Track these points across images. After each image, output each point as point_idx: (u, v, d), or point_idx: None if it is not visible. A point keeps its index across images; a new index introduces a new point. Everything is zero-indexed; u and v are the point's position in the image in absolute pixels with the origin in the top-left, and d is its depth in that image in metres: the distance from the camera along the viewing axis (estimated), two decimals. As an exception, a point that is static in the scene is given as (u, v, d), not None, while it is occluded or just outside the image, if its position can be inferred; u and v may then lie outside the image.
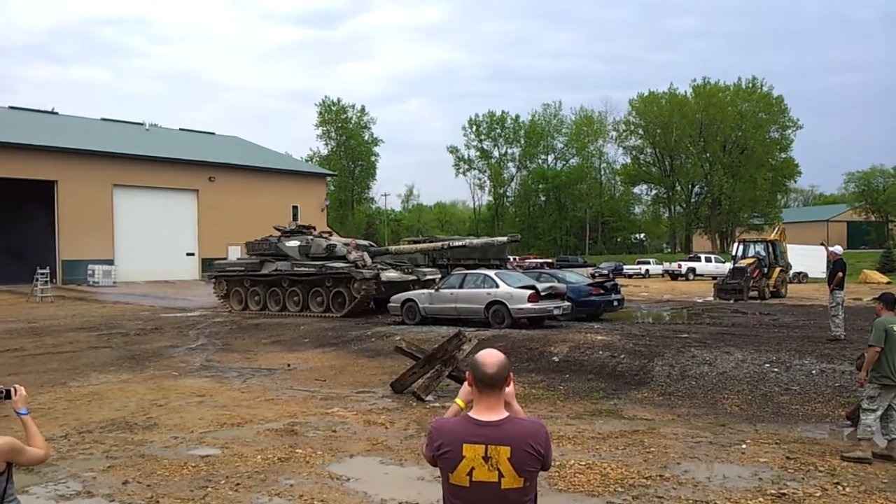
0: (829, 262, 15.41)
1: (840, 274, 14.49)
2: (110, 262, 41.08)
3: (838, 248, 15.64)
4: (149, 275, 42.14)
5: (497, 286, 17.53)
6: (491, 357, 2.86)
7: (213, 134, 59.36)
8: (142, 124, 55.71)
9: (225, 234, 46.56)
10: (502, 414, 2.82)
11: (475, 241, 25.97)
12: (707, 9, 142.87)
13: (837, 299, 14.31)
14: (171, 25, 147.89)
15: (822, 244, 21.77)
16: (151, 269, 42.61)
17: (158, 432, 8.83)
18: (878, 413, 7.58)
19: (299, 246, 23.51)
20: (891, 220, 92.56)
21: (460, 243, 24.86)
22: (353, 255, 22.16)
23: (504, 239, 26.08)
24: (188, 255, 46.64)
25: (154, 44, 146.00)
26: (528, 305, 17.00)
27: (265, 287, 23.61)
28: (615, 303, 20.58)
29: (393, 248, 26.02)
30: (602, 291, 20.16)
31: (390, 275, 21.90)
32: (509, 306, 17.08)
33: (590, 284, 20.59)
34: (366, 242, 25.37)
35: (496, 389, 2.82)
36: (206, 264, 46.38)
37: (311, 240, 23.69)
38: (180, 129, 58.31)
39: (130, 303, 29.08)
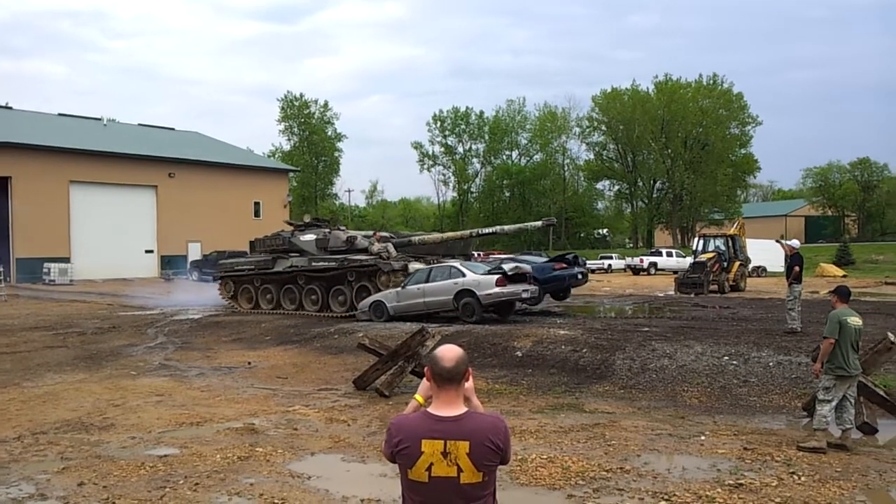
0: (786, 256, 15.66)
1: (797, 268, 14.73)
2: (67, 261, 40.32)
3: (795, 243, 15.88)
4: (107, 273, 41.43)
5: (464, 275, 17.53)
6: (449, 352, 2.84)
7: (172, 129, 58.48)
8: (99, 119, 54.72)
9: (185, 231, 45.98)
10: (461, 409, 2.81)
11: (507, 227, 24.91)
12: (668, 6, 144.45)
13: (795, 293, 14.56)
14: (127, 19, 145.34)
15: (778, 240, 22.11)
16: (109, 267, 41.91)
17: (115, 432, 8.67)
18: (833, 404, 7.72)
19: (316, 240, 21.84)
20: (847, 214, 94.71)
21: (490, 230, 24.30)
22: (377, 247, 20.68)
23: (539, 223, 24.28)
24: (147, 252, 45.96)
25: (111, 38, 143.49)
26: (497, 290, 16.99)
27: (278, 285, 22.10)
28: (579, 276, 20.62)
29: (416, 238, 24.32)
30: (565, 265, 20.19)
31: (417, 266, 20.22)
32: (478, 293, 17.06)
33: (551, 260, 20.61)
34: (387, 234, 23.98)
35: (454, 384, 2.81)
36: (165, 261, 45.81)
37: (329, 232, 22.04)
38: (139, 125, 57.36)
39: (87, 301, 28.52)
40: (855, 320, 7.79)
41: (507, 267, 17.74)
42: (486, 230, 24.53)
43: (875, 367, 9.21)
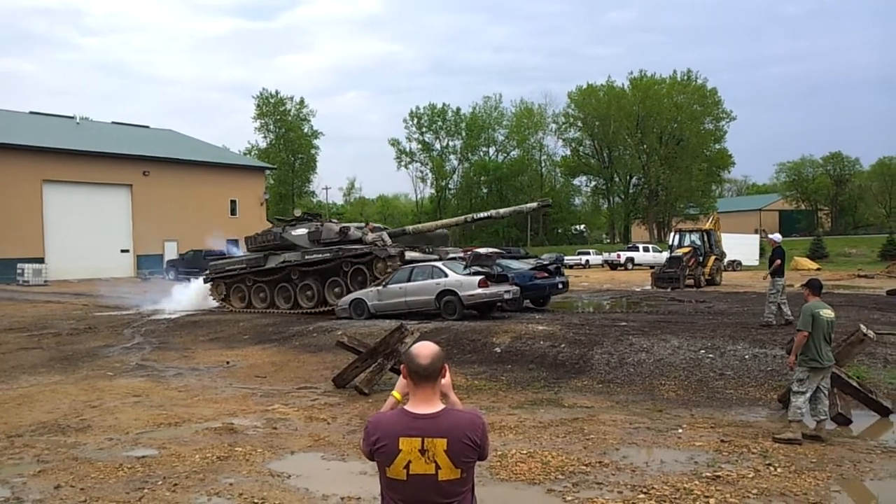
0: (768, 249, 15.77)
1: (778, 261, 14.85)
2: (41, 261, 39.78)
3: (777, 236, 15.98)
4: (82, 273, 40.94)
5: (446, 275, 17.54)
6: (425, 349, 2.85)
7: (147, 127, 57.88)
8: (72, 118, 54.02)
9: (161, 230, 45.54)
10: (438, 406, 2.82)
11: (502, 210, 24.71)
12: (646, 2, 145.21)
13: (777, 286, 14.67)
14: (100, 16, 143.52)
15: (759, 231, 22.35)
16: (84, 267, 41.42)
17: (92, 434, 8.59)
18: (808, 395, 7.84)
19: (308, 233, 21.35)
20: (820, 208, 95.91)
21: (485, 214, 24.04)
22: (371, 237, 20.38)
23: (534, 205, 24.30)
24: (122, 251, 45.49)
25: (83, 35, 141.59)
26: (479, 291, 17.04)
27: (272, 283, 21.54)
28: (560, 285, 20.76)
29: (410, 227, 23.90)
30: (546, 275, 20.29)
31: (413, 254, 20.06)
32: (460, 294, 17.10)
33: (533, 268, 20.72)
34: (380, 225, 23.39)
35: (431, 381, 2.82)
36: (141, 261, 45.38)
37: (322, 225, 21.70)
38: (113, 123, 56.71)
39: (62, 302, 28.17)
40: (827, 313, 7.91)
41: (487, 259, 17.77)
42: (481, 214, 24.28)
43: (848, 359, 9.34)
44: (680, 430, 8.25)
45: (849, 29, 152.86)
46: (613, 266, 49.37)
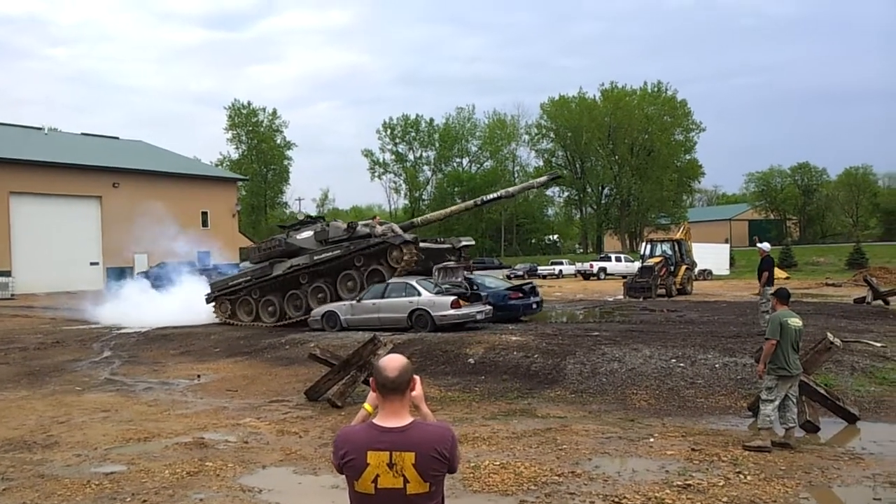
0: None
1: (766, 273, 14.98)
2: (7, 274, 39.16)
3: (766, 246, 16.11)
4: (50, 286, 40.31)
5: (419, 294, 17.56)
6: (393, 362, 2.85)
7: (117, 138, 57.31)
8: (40, 129, 53.37)
9: (131, 243, 44.97)
10: (407, 419, 2.81)
11: (511, 189, 24.16)
12: (613, 15, 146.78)
13: (767, 295, 14.80)
14: (66, 26, 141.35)
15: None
16: (53, 280, 40.78)
17: (59, 450, 8.45)
18: (776, 403, 7.93)
19: (315, 234, 20.57)
20: (789, 218, 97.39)
21: (495, 195, 23.74)
22: (380, 229, 19.61)
23: (544, 178, 23.60)
24: (92, 264, 44.89)
25: (50, 45, 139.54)
26: (451, 312, 17.09)
27: (280, 292, 20.63)
28: (534, 305, 20.81)
29: (418, 218, 23.19)
30: (521, 295, 20.32)
31: (425, 244, 19.50)
32: (432, 314, 17.13)
33: (508, 289, 20.70)
34: (385, 221, 22.61)
35: (399, 394, 2.81)
36: (112, 274, 44.80)
37: (327, 225, 20.92)
38: (82, 134, 56.11)
39: (30, 315, 27.73)
40: (795, 321, 8.02)
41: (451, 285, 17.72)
42: (490, 196, 23.82)
43: (816, 367, 9.46)
44: (651, 440, 8.29)
45: (813, 42, 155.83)
46: (586, 276, 49.63)
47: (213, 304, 22.18)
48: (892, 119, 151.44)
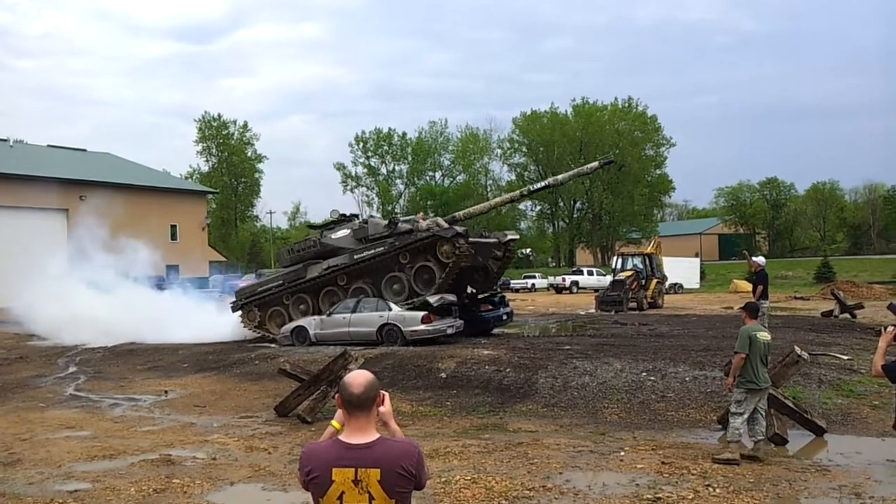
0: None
1: (760, 286, 15.06)
2: (-30, 288, 38.31)
3: (761, 259, 16.16)
4: (14, 300, 39.51)
5: (390, 309, 17.50)
6: (358, 378, 2.82)
7: (84, 150, 56.57)
8: (6, 140, 52.52)
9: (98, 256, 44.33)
10: (373, 436, 2.78)
11: (560, 177, 22.94)
12: (581, 31, 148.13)
13: (763, 308, 14.90)
14: (33, 37, 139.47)
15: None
16: (17, 295, 39.97)
17: (22, 468, 8.27)
18: (745, 416, 7.98)
19: (353, 231, 19.30)
20: (758, 232, 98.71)
21: (542, 184, 23.16)
22: (425, 223, 18.52)
23: (595, 164, 22.08)
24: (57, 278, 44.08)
25: (15, 56, 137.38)
26: (422, 327, 17.03)
27: (314, 294, 19.31)
28: (504, 316, 20.86)
29: (460, 213, 21.82)
30: (490, 307, 20.37)
31: (473, 238, 18.29)
32: (403, 329, 17.07)
33: (479, 300, 20.70)
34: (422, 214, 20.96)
35: (364, 410, 2.79)
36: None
37: (366, 221, 19.82)
38: (48, 146, 55.29)
39: (-7, 331, 27.18)
40: (764, 335, 8.10)
41: (432, 300, 17.63)
42: (538, 185, 23.11)
43: (784, 380, 9.55)
44: (622, 453, 8.31)
45: (778, 59, 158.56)
46: (559, 290, 49.89)
47: (238, 312, 20.78)
48: (859, 134, 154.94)
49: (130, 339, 21.14)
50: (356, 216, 21.68)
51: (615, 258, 36.26)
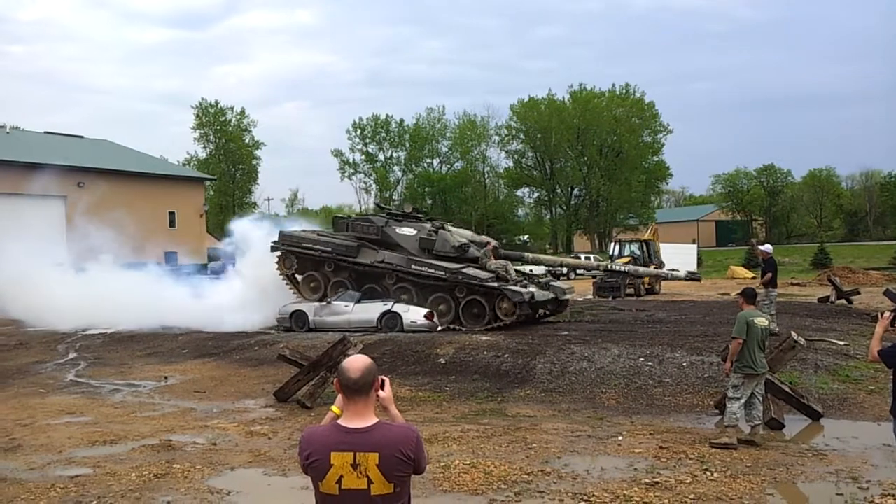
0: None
1: (769, 274, 15.11)
2: (-32, 275, 38.30)
3: (768, 248, 16.15)
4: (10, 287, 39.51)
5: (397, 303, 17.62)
6: (356, 362, 2.85)
7: (81, 137, 56.36)
8: (2, 127, 52.32)
9: (97, 243, 44.33)
10: (371, 420, 2.81)
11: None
12: (575, 18, 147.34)
13: (771, 297, 14.94)
14: (26, 23, 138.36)
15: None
16: (15, 281, 39.97)
17: (23, 454, 8.31)
18: (742, 401, 8.04)
19: (420, 238, 18.29)
20: (755, 219, 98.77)
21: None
22: (493, 264, 17.59)
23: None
24: (57, 265, 44.06)
25: (8, 42, 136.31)
26: (422, 321, 17.07)
27: (358, 279, 18.54)
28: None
29: (530, 255, 21.08)
30: None
31: (537, 293, 17.45)
32: (403, 317, 17.12)
33: None
34: (495, 242, 20.07)
35: (363, 395, 2.81)
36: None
37: (436, 232, 18.48)
38: (45, 133, 55.09)
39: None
40: (761, 321, 8.15)
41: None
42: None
43: (781, 365, 9.62)
44: (620, 438, 8.37)
45: (774, 47, 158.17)
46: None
47: (280, 254, 19.67)
48: (856, 122, 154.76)
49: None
50: (432, 219, 20.82)
51: (613, 244, 36.32)
